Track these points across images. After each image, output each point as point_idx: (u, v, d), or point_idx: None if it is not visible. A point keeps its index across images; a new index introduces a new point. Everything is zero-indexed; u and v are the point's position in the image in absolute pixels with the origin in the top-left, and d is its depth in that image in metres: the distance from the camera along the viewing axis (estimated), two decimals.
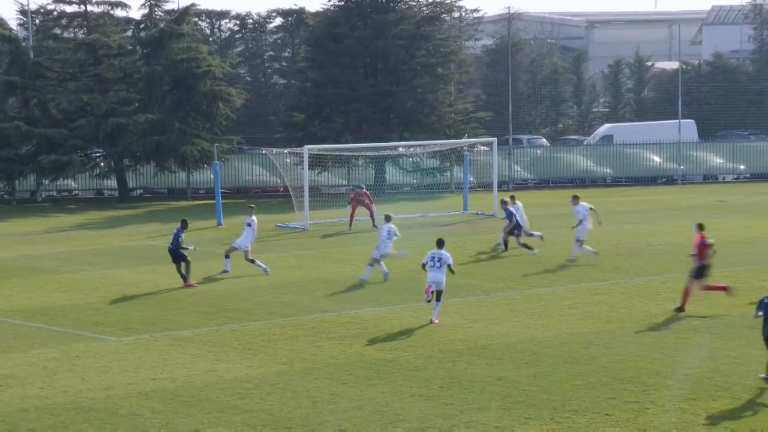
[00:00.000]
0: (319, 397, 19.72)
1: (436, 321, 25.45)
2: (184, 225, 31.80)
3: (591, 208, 34.93)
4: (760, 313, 20.27)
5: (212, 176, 50.56)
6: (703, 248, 26.36)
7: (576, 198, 35.19)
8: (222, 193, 49.03)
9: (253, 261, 32.92)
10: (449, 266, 25.72)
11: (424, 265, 25.97)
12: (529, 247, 35.56)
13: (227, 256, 33.25)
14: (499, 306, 27.50)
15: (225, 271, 32.89)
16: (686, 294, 26.28)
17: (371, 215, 43.68)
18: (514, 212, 36.15)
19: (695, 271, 26.25)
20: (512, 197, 37.38)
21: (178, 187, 60.84)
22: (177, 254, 31.04)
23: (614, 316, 26.04)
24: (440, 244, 26.18)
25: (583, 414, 18.48)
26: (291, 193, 46.81)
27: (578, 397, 19.37)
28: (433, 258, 25.79)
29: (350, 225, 43.94)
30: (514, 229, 36.04)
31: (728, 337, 23.57)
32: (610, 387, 19.96)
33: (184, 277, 30.95)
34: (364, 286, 30.49)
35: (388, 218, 32.32)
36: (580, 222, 34.37)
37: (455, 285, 30.09)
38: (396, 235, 31.70)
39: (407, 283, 30.99)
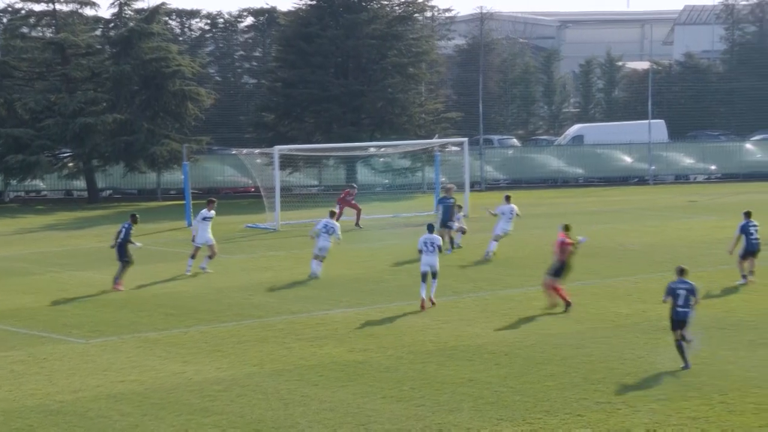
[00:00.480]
0: (290, 399, 19.58)
1: (435, 301, 27.24)
2: (134, 219, 31.53)
3: (517, 214, 35.98)
4: (669, 297, 21.46)
5: (182, 176, 50.30)
6: (563, 247, 26.66)
7: (508, 198, 36.46)
8: (193, 193, 48.78)
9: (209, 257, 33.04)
10: (438, 247, 27.58)
11: (420, 251, 27.58)
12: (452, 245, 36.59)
13: (193, 257, 33.11)
14: (470, 307, 27.43)
15: (187, 271, 32.78)
16: (557, 290, 26.43)
17: (357, 215, 43.70)
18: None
19: (554, 270, 26.55)
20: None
21: (149, 188, 60.49)
22: (123, 250, 30.67)
23: (585, 316, 26.01)
24: (431, 228, 28.11)
25: (555, 415, 18.43)
26: (262, 193, 46.61)
27: (550, 398, 19.32)
28: (425, 243, 27.50)
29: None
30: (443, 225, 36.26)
31: (698, 337, 23.56)
32: (581, 387, 19.92)
33: (117, 278, 30.58)
34: (334, 288, 30.36)
35: (331, 214, 33.15)
36: (499, 219, 35.55)
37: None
38: (336, 232, 32.21)
39: (377, 284, 30.92)
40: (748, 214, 30.29)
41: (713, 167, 65.75)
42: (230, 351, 23.23)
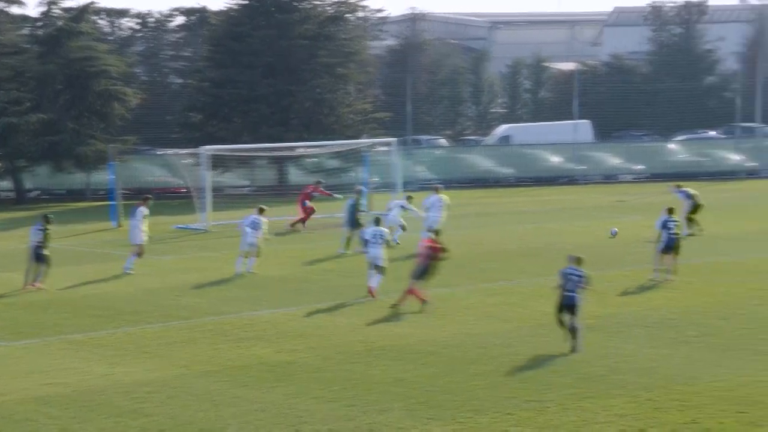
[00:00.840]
0: (220, 400, 19.50)
1: (375, 292, 27.99)
2: (47, 220, 31.22)
3: (447, 204, 38.07)
4: (561, 282, 22.83)
5: (111, 177, 49.83)
6: (429, 251, 27.07)
7: (436, 190, 38.80)
8: (123, 194, 48.36)
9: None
10: (387, 241, 28.69)
11: (366, 242, 28.83)
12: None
13: (137, 255, 33.19)
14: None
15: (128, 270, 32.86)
16: (413, 292, 26.83)
17: (304, 218, 43.31)
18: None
19: (418, 272, 26.89)
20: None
21: (77, 188, 59.87)
22: (39, 253, 30.40)
23: (513, 316, 26.20)
24: (378, 221, 29.30)
25: (484, 413, 18.54)
26: (192, 194, 46.29)
27: (479, 397, 19.44)
28: (375, 235, 28.51)
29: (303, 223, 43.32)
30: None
31: (622, 335, 23.88)
32: (510, 386, 20.07)
33: (35, 278, 30.24)
34: (262, 288, 30.29)
35: (260, 210, 33.50)
36: (428, 211, 37.68)
37: (354, 285, 30.07)
38: (260, 227, 32.70)
39: (305, 284, 30.90)
40: (670, 211, 30.84)
41: (640, 167, 66.55)
42: (158, 352, 23.08)
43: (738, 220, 36.53)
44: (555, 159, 65.60)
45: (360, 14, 70.73)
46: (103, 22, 70.56)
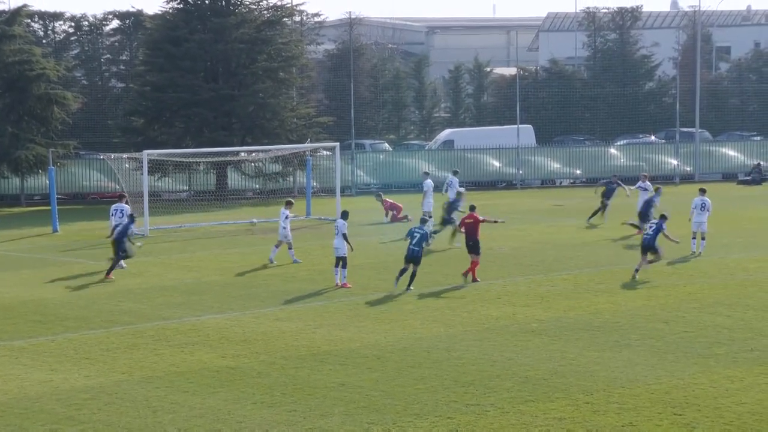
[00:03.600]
0: (159, 406, 19.36)
1: (349, 285, 30.30)
2: None
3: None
4: (408, 237, 29.09)
5: (48, 182, 49.32)
6: (474, 223, 31.56)
7: (426, 174, 44.98)
8: (58, 199, 47.84)
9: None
10: (344, 235, 30.60)
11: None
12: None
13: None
14: (342, 311, 27.47)
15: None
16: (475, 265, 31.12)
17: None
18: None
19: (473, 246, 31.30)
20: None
21: (11, 193, 59.18)
22: None
23: (456, 320, 26.27)
24: (345, 215, 31.26)
25: (425, 418, 18.57)
26: (128, 199, 45.80)
27: (420, 401, 19.46)
28: (336, 227, 30.83)
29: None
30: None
31: (565, 339, 24.02)
32: (451, 390, 20.12)
33: None
34: (206, 293, 30.13)
35: (288, 204, 35.68)
36: (425, 194, 42.95)
37: (298, 290, 30.05)
38: (287, 219, 34.99)
39: (249, 289, 30.78)
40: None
41: (578, 172, 67.08)
42: (99, 358, 22.86)
43: (675, 225, 36.92)
44: (496, 163, 65.94)
45: (297, 18, 70.79)
46: (36, 26, 69.84)
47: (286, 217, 34.95)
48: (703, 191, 36.93)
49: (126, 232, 33.07)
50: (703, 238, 35.61)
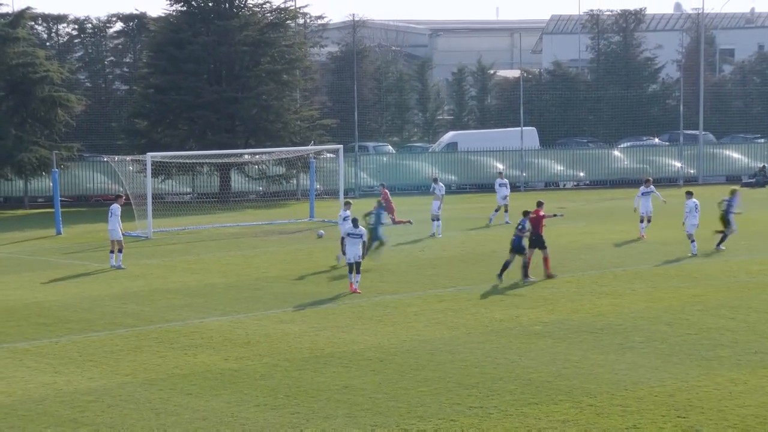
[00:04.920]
0: (162, 409, 19.35)
1: (359, 291, 29.64)
2: None
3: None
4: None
5: (51, 184, 49.36)
6: (539, 220, 32.53)
7: (435, 180, 44.76)
8: (61, 201, 47.88)
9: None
10: (364, 242, 30.82)
11: (343, 239, 31.42)
12: None
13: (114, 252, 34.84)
14: (345, 314, 27.47)
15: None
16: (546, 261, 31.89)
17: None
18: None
19: (539, 242, 32.21)
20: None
21: (15, 196, 59.25)
22: None
23: (460, 322, 26.26)
24: (355, 223, 30.70)
25: (428, 420, 18.56)
26: (132, 201, 45.90)
27: (424, 404, 19.45)
28: (348, 234, 30.27)
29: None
30: None
31: (569, 341, 24.00)
32: (455, 393, 20.10)
33: None
34: (209, 296, 30.14)
35: (346, 204, 35.88)
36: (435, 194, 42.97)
37: (301, 292, 30.04)
38: (348, 220, 33.62)
39: (252, 291, 30.78)
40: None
41: (582, 174, 67.05)
42: (102, 361, 22.86)
43: (678, 228, 36.86)
44: (499, 166, 65.89)
45: (300, 21, 70.80)
46: (40, 28, 69.89)
47: (345, 219, 34.42)
48: (690, 194, 36.95)
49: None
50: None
